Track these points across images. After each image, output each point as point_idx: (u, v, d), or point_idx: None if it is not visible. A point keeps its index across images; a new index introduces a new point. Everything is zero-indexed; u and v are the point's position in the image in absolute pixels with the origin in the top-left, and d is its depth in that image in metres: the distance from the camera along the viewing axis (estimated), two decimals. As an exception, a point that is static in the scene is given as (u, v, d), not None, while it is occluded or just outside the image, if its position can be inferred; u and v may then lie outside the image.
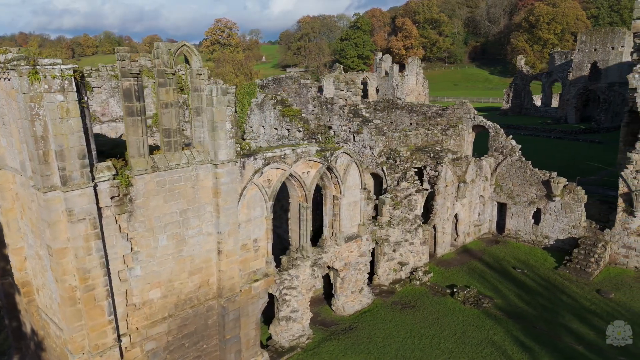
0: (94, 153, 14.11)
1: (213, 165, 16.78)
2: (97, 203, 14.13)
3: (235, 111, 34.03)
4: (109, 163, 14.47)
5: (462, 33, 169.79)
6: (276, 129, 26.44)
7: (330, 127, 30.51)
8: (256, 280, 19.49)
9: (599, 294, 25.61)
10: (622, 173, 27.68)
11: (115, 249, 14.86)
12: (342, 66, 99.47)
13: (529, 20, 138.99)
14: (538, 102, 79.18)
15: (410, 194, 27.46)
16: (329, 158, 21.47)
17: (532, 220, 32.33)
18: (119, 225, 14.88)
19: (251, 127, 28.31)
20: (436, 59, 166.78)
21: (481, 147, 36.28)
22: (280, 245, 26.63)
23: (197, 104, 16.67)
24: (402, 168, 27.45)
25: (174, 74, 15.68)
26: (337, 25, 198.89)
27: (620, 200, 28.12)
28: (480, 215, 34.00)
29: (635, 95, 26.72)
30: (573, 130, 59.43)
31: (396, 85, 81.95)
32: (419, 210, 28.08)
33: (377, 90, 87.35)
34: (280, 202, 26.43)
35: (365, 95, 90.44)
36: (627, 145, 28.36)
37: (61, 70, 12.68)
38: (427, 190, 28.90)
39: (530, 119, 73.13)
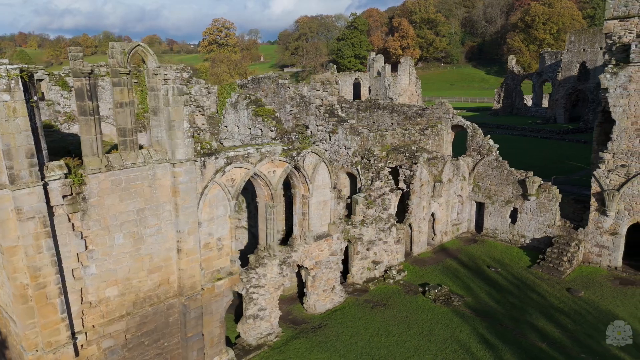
0: (44, 152, 14.29)
1: (171, 164, 16.96)
2: (49, 202, 14.30)
3: (217, 111, 34.23)
4: (60, 162, 14.65)
5: (459, 33, 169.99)
6: (250, 128, 26.62)
7: (307, 127, 30.70)
8: (220, 279, 19.65)
9: (569, 292, 25.75)
10: (595, 173, 27.82)
11: (68, 247, 15.02)
12: (335, 66, 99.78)
13: (525, 20, 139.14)
14: (529, 102, 79.28)
15: (384, 194, 27.61)
16: (295, 157, 21.63)
17: (509, 220, 32.47)
18: (73, 224, 15.05)
19: (226, 126, 28.50)
20: (433, 59, 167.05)
21: (462, 147, 36.43)
22: (256, 244, 26.85)
23: (154, 104, 16.84)
24: (376, 168, 27.60)
25: (128, 74, 15.83)
26: (335, 25, 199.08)
27: (593, 200, 28.25)
28: (458, 215, 34.14)
29: (607, 95, 26.83)
30: (561, 130, 59.51)
31: (388, 85, 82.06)
32: (392, 210, 28.23)
33: (370, 90, 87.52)
34: (255, 201, 26.57)
35: (357, 95, 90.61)
36: (600, 145, 28.49)
37: (7, 70, 12.85)
38: (401, 189, 29.05)
39: (520, 119, 73.29)
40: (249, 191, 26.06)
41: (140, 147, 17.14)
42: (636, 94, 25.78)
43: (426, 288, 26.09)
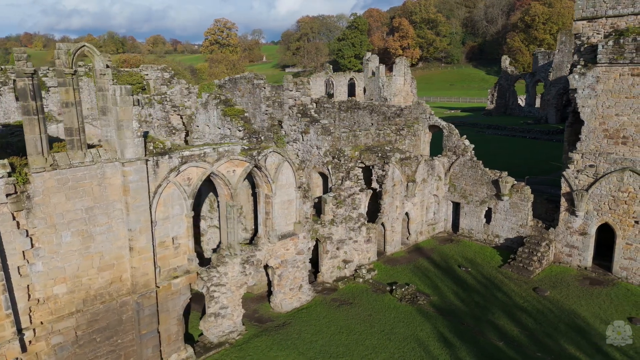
0: (-13, 151, 14.57)
1: (120, 163, 17.21)
2: (-8, 200, 14.59)
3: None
4: (4, 161, 14.94)
5: (460, 33, 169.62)
6: (219, 128, 26.88)
7: (282, 127, 30.92)
8: (176, 277, 19.89)
9: (535, 291, 25.77)
10: (564, 173, 27.82)
11: (13, 245, 15.30)
12: (331, 66, 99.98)
13: (525, 20, 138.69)
14: (523, 102, 79.04)
15: (354, 193, 27.76)
16: (256, 157, 21.83)
17: (484, 220, 32.51)
18: (17, 222, 15.32)
19: (197, 126, 28.80)
20: (433, 59, 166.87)
21: (441, 147, 36.47)
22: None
23: (103, 104, 17.10)
24: (346, 167, 27.75)
25: (73, 74, 16.08)
26: (337, 25, 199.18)
27: (563, 200, 28.25)
28: (435, 215, 34.21)
29: (575, 95, 26.83)
30: (550, 131, 59.37)
31: (382, 86, 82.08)
32: (363, 209, 28.36)
33: (365, 91, 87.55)
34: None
35: (352, 95, 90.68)
36: (571, 145, 28.47)
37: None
38: (371, 189, 29.18)
39: (512, 119, 73.13)
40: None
41: (91, 147, 17.40)
42: (604, 94, 25.77)
43: (393, 287, 26.21)
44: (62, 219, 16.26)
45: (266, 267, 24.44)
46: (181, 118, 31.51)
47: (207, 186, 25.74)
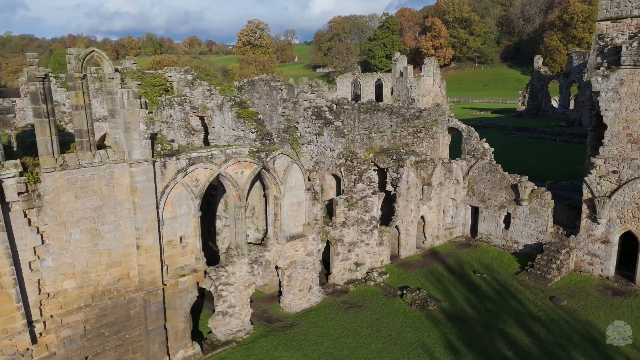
0: (0, 151, 15.34)
1: (128, 164, 17.76)
2: (4, 198, 15.35)
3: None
4: (16, 161, 15.68)
5: (495, 32, 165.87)
6: (233, 129, 27.31)
7: (297, 129, 31.15)
8: (183, 276, 20.36)
9: (551, 300, 25.02)
10: (586, 179, 26.89)
11: (25, 241, 16.05)
12: (359, 67, 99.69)
13: (563, 18, 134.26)
14: (556, 104, 76.62)
15: (366, 196, 27.66)
16: (264, 159, 22.09)
17: (503, 225, 31.77)
18: (29, 219, 16.06)
19: (213, 127, 29.33)
20: (466, 59, 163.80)
21: (460, 150, 35.86)
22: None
23: (112, 106, 17.70)
24: (359, 170, 27.68)
25: (83, 78, 16.71)
26: (369, 25, 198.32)
27: (584, 207, 27.31)
28: (453, 219, 33.68)
29: (598, 98, 25.89)
30: (583, 134, 57.07)
31: (410, 86, 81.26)
32: (375, 212, 28.22)
33: (392, 91, 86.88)
34: (238, 201, 27.22)
35: (380, 96, 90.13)
36: (594, 150, 27.47)
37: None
38: (383, 192, 28.98)
39: (544, 121, 71.00)
40: None
41: (101, 148, 18.04)
42: (628, 97, 24.76)
43: (404, 291, 25.98)
44: (71, 217, 16.93)
45: (277, 267, 24.69)
46: (200, 119, 32.17)
47: (223, 186, 26.19)
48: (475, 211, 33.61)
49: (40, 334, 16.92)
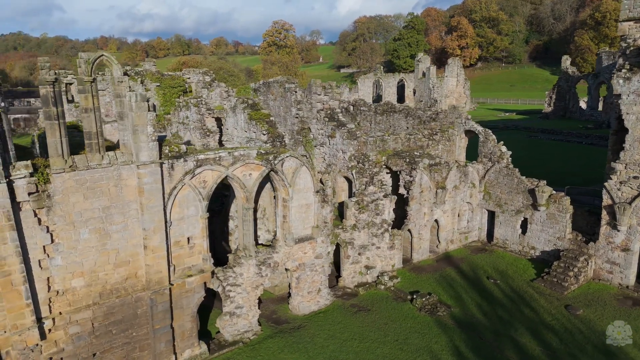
0: (11, 152, 15.88)
1: (136, 166, 18.10)
2: (15, 198, 15.86)
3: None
4: (27, 162, 16.19)
5: (524, 31, 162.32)
6: (246, 131, 27.52)
7: (310, 130, 31.17)
8: (190, 276, 20.63)
9: (566, 309, 24.32)
10: (606, 184, 26.03)
11: (35, 240, 16.55)
12: (382, 67, 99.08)
13: (595, 17, 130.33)
14: (585, 105, 74.45)
15: (377, 199, 27.46)
16: (272, 162, 22.17)
17: (520, 230, 31.05)
18: (39, 219, 16.55)
19: (227, 129, 29.64)
20: (493, 59, 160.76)
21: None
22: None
23: (120, 109, 18.07)
24: (370, 172, 27.50)
25: (92, 82, 17.10)
26: (394, 25, 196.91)
27: (604, 213, 26.45)
28: (469, 223, 33.12)
29: (619, 101, 25.04)
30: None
31: (432, 87, 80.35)
32: (386, 215, 27.99)
33: (414, 92, 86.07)
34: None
35: (402, 97, 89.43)
36: (615, 154, 26.57)
37: (-29, 80, 14.44)
38: (394, 195, 28.69)
39: (571, 123, 69.03)
40: None
41: (109, 149, 18.44)
42: (650, 100, 23.86)
43: (414, 296, 25.68)
44: (80, 217, 17.36)
45: (287, 269, 24.75)
46: (216, 120, 32.52)
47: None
48: (491, 215, 32.96)
49: (50, 330, 17.42)
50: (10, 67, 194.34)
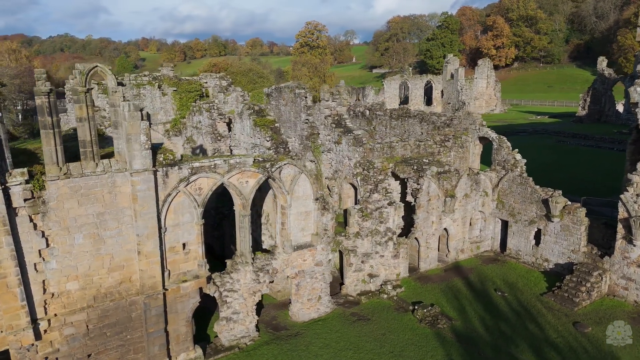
0: (8, 160, 16.58)
1: (129, 173, 18.55)
2: (11, 203, 16.55)
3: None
4: (23, 170, 16.83)
5: (564, 30, 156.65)
6: (251, 137, 27.75)
7: (319, 136, 31.14)
8: (185, 281, 20.98)
9: (574, 326, 23.34)
10: (622, 196, 24.80)
11: (30, 244, 17.21)
12: (410, 68, 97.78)
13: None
14: (622, 108, 71.14)
15: (381, 207, 27.14)
16: (269, 169, 22.26)
17: (533, 241, 30.01)
18: (35, 224, 17.20)
19: (234, 134, 29.94)
20: (530, 59, 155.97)
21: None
22: (257, 248, 27.94)
23: (115, 118, 18.55)
24: (375, 180, 27.21)
25: (87, 92, 17.63)
26: (428, 24, 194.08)
27: (620, 226, 25.22)
28: (481, 232, 32.28)
29: (637, 110, 23.80)
30: (645, 142, 52.70)
31: (461, 89, 78.66)
32: (391, 223, 27.61)
33: (442, 94, 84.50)
34: (255, 207, 27.66)
35: (429, 100, 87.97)
36: (633, 165, 25.28)
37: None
38: (402, 203, 28.28)
39: (606, 127, 66.09)
40: (255, 196, 26.92)
41: (104, 157, 18.96)
42: (669, 108, 22.55)
43: (416, 307, 25.24)
44: (74, 222, 17.95)
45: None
46: (228, 125, 32.95)
47: None
48: (505, 225, 31.99)
49: (45, 331, 18.08)
50: (56, 68, 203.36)
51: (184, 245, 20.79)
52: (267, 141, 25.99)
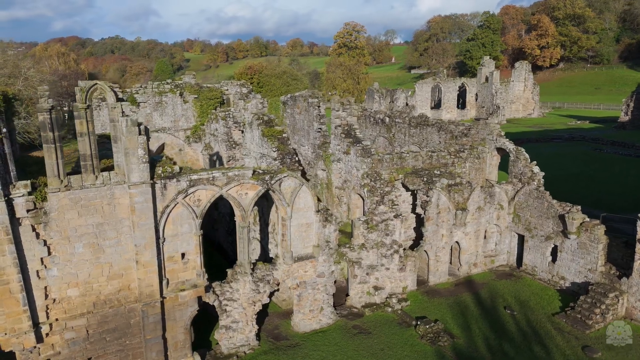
0: (12, 173, 17.57)
1: (127, 186, 19.23)
2: (14, 214, 17.54)
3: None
4: (26, 182, 17.80)
5: (615, 29, 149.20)
6: (260, 147, 28.08)
7: (330, 145, 31.17)
8: (183, 290, 21.53)
9: (583, 350, 22.32)
10: (640, 214, 23.48)
11: (33, 252, 18.17)
12: (445, 70, 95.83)
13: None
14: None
15: (387, 219, 26.85)
16: (268, 182, 22.49)
17: (550, 258, 28.88)
18: (37, 233, 18.14)
19: (245, 143, 30.39)
20: (577, 59, 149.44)
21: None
22: (264, 257, 28.36)
23: (114, 133, 19.27)
24: (381, 192, 26.96)
25: (87, 108, 18.39)
26: (470, 24, 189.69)
27: (638, 246, 23.87)
28: (497, 246, 31.36)
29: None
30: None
31: (495, 92, 76.42)
32: (397, 236, 27.25)
33: (477, 97, 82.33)
34: (264, 217, 28.04)
35: (464, 103, 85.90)
36: (654, 181, 23.85)
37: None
38: (411, 214, 27.89)
39: (651, 133, 62.45)
40: (263, 205, 27.25)
41: (104, 170, 19.73)
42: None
43: (418, 322, 24.84)
44: (75, 232, 18.79)
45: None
46: (242, 133, 33.48)
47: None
48: (522, 239, 30.91)
49: (47, 334, 19.02)
50: (106, 69, 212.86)
51: (182, 255, 21.33)
52: (274, 152, 26.24)
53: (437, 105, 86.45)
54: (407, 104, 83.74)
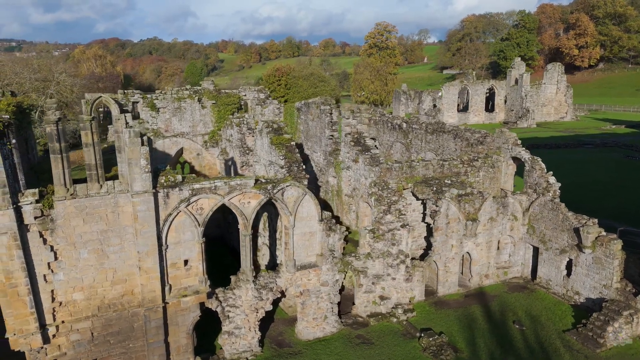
0: (21, 182, 18.41)
1: (130, 195, 19.84)
2: (23, 220, 18.40)
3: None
4: (34, 190, 18.64)
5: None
6: (269, 154, 28.34)
7: (340, 153, 31.17)
8: (186, 296, 22.04)
9: (590, 372, 21.57)
10: (656, 231, 22.45)
11: (40, 257, 19.00)
12: (474, 72, 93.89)
13: None
14: None
15: (394, 228, 26.64)
16: (271, 191, 22.73)
17: (565, 271, 27.98)
18: (44, 239, 18.96)
19: (256, 150, 30.71)
20: (618, 60, 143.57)
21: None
22: (272, 263, 28.63)
23: (118, 144, 19.91)
24: (388, 201, 26.77)
25: (92, 120, 19.06)
26: (505, 23, 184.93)
27: (654, 264, 22.85)
28: (510, 257, 30.61)
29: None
30: None
31: (525, 95, 74.35)
32: (404, 246, 26.97)
33: (506, 101, 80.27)
34: (272, 224, 28.33)
35: (492, 106, 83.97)
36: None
37: (-17, 123, 17.08)
38: (421, 223, 27.58)
39: (688, 140, 59.34)
40: (271, 212, 27.49)
41: (107, 179, 20.40)
42: None
43: (422, 334, 24.57)
44: (80, 239, 19.54)
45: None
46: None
47: (262, 206, 27.17)
48: (537, 251, 30.06)
49: (53, 335, 19.87)
50: (143, 70, 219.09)
51: (185, 261, 21.84)
52: (281, 159, 26.47)
53: (464, 108, 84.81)
54: (434, 106, 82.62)
